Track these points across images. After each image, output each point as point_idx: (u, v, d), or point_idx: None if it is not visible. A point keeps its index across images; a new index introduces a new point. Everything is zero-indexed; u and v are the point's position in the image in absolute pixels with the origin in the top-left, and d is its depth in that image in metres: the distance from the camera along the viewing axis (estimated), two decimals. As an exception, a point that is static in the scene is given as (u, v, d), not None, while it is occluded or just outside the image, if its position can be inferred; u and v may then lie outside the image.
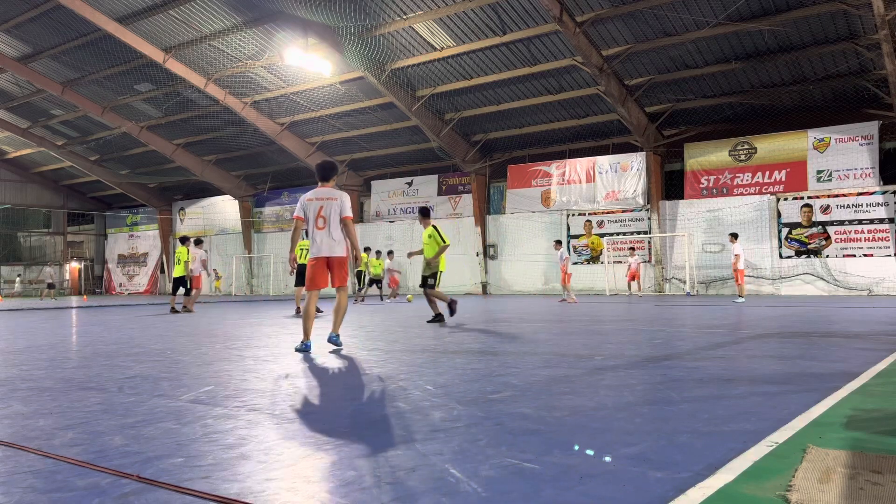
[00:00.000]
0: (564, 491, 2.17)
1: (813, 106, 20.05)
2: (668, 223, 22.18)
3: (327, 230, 6.38)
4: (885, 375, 4.49)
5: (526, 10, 18.20)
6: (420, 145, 25.97)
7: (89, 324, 11.42)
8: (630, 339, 7.38)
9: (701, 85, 20.17)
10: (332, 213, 6.40)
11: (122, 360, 5.92)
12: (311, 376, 4.88)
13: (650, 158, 22.06)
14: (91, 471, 2.47)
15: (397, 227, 27.97)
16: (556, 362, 5.37)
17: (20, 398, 4.05)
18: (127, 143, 30.67)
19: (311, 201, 6.49)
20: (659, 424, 3.11)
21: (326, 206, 6.41)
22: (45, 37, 23.44)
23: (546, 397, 3.85)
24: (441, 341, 7.26)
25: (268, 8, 19.99)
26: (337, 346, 6.47)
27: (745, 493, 2.14)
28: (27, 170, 37.49)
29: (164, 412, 3.57)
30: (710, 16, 17.11)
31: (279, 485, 2.30)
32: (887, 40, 15.45)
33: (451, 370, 4.97)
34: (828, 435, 2.87)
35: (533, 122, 23.60)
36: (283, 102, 25.07)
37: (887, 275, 18.73)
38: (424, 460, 2.55)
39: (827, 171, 19.79)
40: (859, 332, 7.58)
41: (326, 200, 6.44)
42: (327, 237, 6.38)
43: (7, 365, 5.74)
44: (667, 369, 4.90)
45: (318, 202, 6.43)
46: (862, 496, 2.06)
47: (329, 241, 6.38)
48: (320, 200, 6.44)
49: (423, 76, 21.98)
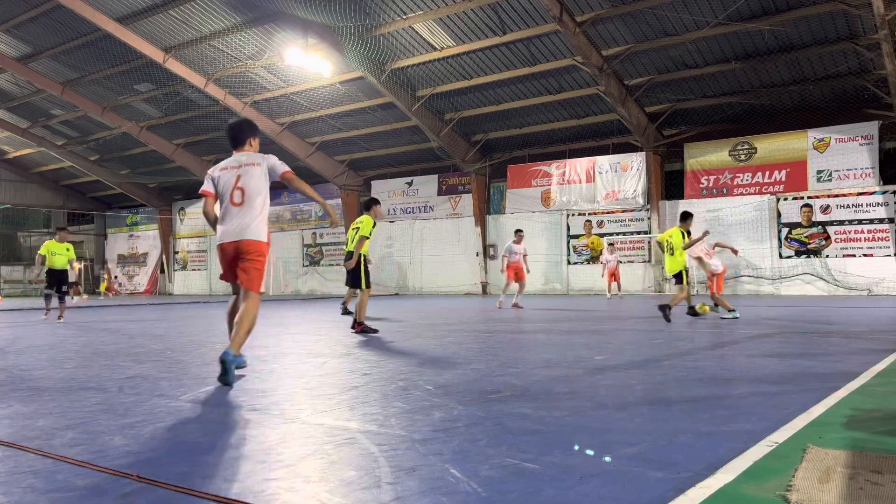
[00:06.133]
0: (564, 491, 2.17)
1: (813, 106, 20.04)
2: (668, 223, 22.16)
3: (245, 206, 4.75)
4: (885, 375, 4.49)
5: (526, 10, 18.19)
6: (420, 145, 25.96)
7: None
8: (630, 339, 7.38)
9: (701, 85, 20.17)
10: (252, 183, 4.76)
11: (122, 360, 5.92)
12: (310, 376, 4.88)
13: (650, 158, 22.05)
14: (91, 471, 2.47)
15: (397, 226, 27.96)
16: (556, 362, 5.37)
17: (20, 398, 4.05)
18: (127, 143, 30.65)
19: (224, 171, 4.87)
20: (659, 424, 3.11)
21: (246, 175, 4.79)
22: (45, 37, 23.43)
23: (546, 397, 3.85)
24: (441, 341, 7.26)
25: (268, 8, 19.99)
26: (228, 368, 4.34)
27: (745, 493, 2.14)
28: (27, 170, 37.48)
29: (164, 412, 3.57)
30: (710, 16, 17.10)
31: (279, 485, 2.30)
32: (887, 40, 15.44)
33: (451, 370, 4.97)
34: (828, 435, 2.87)
35: (533, 122, 23.59)
36: (283, 102, 25.07)
37: (887, 275, 18.72)
38: (424, 460, 2.55)
39: (827, 171, 19.79)
40: (859, 332, 7.58)
41: (245, 167, 4.83)
42: (241, 215, 4.73)
43: (7, 365, 5.74)
44: (667, 369, 4.90)
45: (232, 171, 4.83)
46: (862, 496, 2.06)
47: (240, 220, 4.72)
48: (236, 169, 4.83)
49: (423, 76, 21.98)
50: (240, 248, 4.71)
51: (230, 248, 4.73)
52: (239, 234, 4.70)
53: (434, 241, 26.70)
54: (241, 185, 4.77)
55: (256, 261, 4.74)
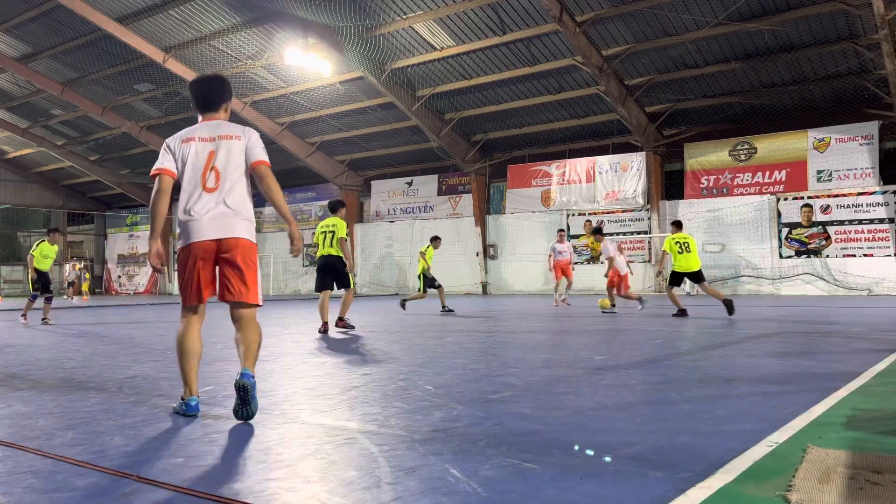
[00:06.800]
0: (564, 491, 2.17)
1: (813, 106, 20.04)
2: (668, 223, 22.16)
3: (220, 192, 3.52)
4: (885, 375, 4.49)
5: (526, 10, 18.19)
6: (420, 145, 25.96)
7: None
8: (630, 339, 7.38)
9: (701, 85, 20.17)
10: (230, 165, 3.56)
11: (122, 360, 5.92)
12: (310, 376, 4.88)
13: (650, 158, 22.05)
14: (91, 471, 2.47)
15: (397, 226, 27.95)
16: (556, 362, 5.37)
17: (20, 398, 4.05)
18: (127, 143, 30.66)
19: (188, 143, 3.60)
20: (659, 424, 3.11)
21: (223, 151, 3.57)
22: (45, 37, 23.43)
23: (546, 397, 3.85)
24: (441, 341, 7.26)
25: (268, 8, 19.99)
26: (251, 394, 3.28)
27: (745, 493, 2.14)
28: (27, 170, 37.47)
29: (164, 412, 3.57)
30: (710, 16, 17.10)
31: (279, 485, 2.30)
32: (887, 40, 15.44)
33: (451, 370, 4.97)
34: (828, 435, 2.87)
35: (533, 122, 23.59)
36: (283, 102, 25.07)
37: (887, 275, 18.72)
38: (424, 460, 2.55)
39: (827, 171, 19.79)
40: (859, 332, 7.58)
41: (222, 140, 3.60)
42: (219, 204, 3.51)
43: (7, 365, 5.74)
44: (667, 369, 4.90)
45: (203, 145, 3.58)
46: (862, 496, 2.06)
47: (222, 211, 3.51)
48: (208, 142, 3.59)
49: (423, 76, 21.98)
50: (223, 248, 3.49)
51: (206, 248, 3.48)
52: (221, 229, 3.48)
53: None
54: (216, 163, 3.54)
55: (247, 265, 3.53)
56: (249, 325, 3.53)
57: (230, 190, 3.54)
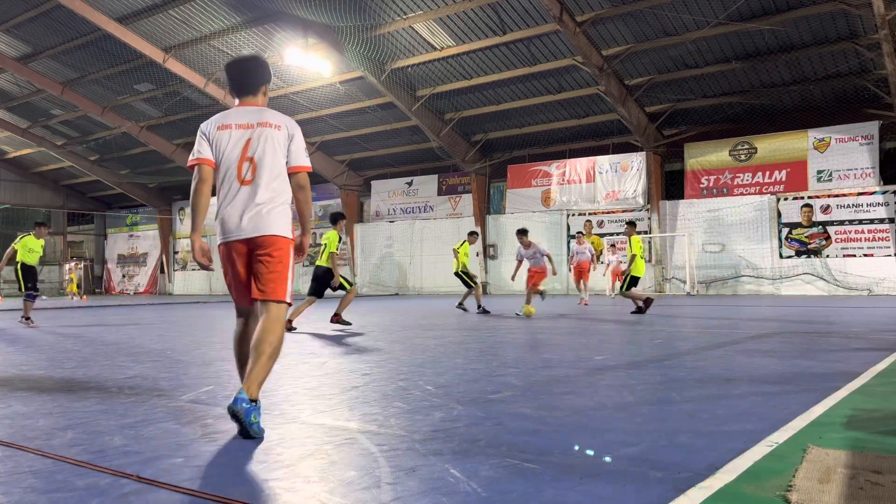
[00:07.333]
0: (564, 491, 2.17)
1: (813, 106, 20.04)
2: (668, 223, 22.17)
3: (256, 185, 3.26)
4: (885, 375, 4.49)
5: (526, 9, 18.19)
6: (420, 145, 25.96)
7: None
8: (630, 339, 7.38)
9: (701, 85, 20.17)
10: (267, 155, 3.27)
11: (122, 360, 5.92)
12: (310, 376, 4.88)
13: (650, 158, 22.05)
14: (91, 471, 2.47)
15: (397, 227, 27.95)
16: (556, 362, 5.37)
17: (20, 398, 4.05)
18: (127, 143, 30.66)
19: (224, 129, 3.35)
20: (659, 424, 3.11)
21: (260, 140, 3.29)
22: (45, 37, 23.42)
23: (546, 397, 3.85)
24: (441, 341, 7.26)
25: (268, 8, 19.98)
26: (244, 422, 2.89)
27: (745, 493, 2.14)
28: (27, 170, 37.47)
29: (164, 412, 3.57)
30: (710, 16, 17.10)
31: (279, 485, 2.30)
32: (887, 40, 15.44)
33: (451, 370, 4.97)
34: (828, 435, 2.87)
35: (533, 122, 23.59)
36: (283, 102, 25.05)
37: (887, 275, 18.71)
38: (424, 460, 2.55)
39: (827, 171, 19.79)
40: (859, 332, 7.58)
41: (261, 128, 3.31)
42: (253, 198, 3.25)
43: (7, 365, 5.74)
44: (667, 369, 4.90)
45: (240, 133, 3.31)
46: (862, 496, 2.05)
47: (257, 205, 3.24)
48: (245, 129, 3.31)
49: (423, 76, 21.98)
50: (256, 245, 3.23)
51: (240, 249, 3.26)
52: (254, 227, 3.22)
53: (434, 241, 26.69)
54: (252, 153, 3.26)
55: (276, 259, 3.23)
56: (273, 327, 3.15)
57: (267, 183, 3.25)
